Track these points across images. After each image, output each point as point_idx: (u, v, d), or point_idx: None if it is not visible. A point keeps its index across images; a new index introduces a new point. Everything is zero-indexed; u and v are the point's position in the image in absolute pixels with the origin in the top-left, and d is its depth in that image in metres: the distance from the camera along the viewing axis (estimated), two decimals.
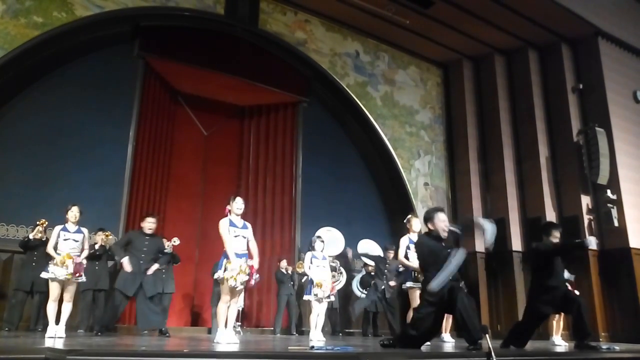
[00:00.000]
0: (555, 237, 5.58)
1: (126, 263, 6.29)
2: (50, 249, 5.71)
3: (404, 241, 6.55)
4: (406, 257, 6.44)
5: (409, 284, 6.49)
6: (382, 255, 9.09)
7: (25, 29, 7.97)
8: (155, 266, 6.61)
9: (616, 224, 10.17)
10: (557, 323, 7.76)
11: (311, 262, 7.02)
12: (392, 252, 8.61)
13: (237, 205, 5.30)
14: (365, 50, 11.52)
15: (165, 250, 6.77)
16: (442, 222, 4.71)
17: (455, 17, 10.70)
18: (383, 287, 8.58)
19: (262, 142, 10.65)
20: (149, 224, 6.63)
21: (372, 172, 11.37)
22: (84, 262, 5.86)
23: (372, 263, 9.10)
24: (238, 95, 10.41)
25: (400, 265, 8.26)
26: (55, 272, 5.53)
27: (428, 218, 4.83)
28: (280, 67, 10.41)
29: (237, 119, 10.84)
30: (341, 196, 10.61)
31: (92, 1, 8.59)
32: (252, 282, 5.23)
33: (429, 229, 4.80)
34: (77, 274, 5.66)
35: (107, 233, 7.33)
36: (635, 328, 9.54)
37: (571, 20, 10.87)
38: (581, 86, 11.30)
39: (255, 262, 5.26)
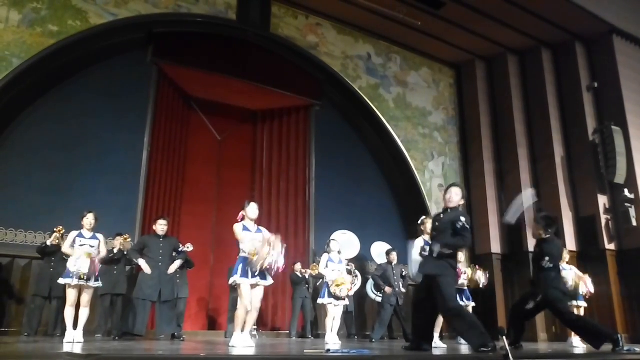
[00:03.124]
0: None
1: (144, 264, 6.38)
2: (66, 248, 5.80)
3: (418, 242, 6.47)
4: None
5: None
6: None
7: (41, 37, 8.09)
8: (176, 264, 6.71)
9: (634, 223, 10.04)
10: None
11: (326, 266, 7.00)
12: (395, 255, 8.42)
13: (252, 210, 5.30)
14: (377, 53, 11.51)
15: (181, 249, 6.84)
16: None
17: (466, 17, 10.66)
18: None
19: (275, 145, 10.69)
20: (161, 226, 6.74)
21: (385, 174, 11.34)
22: (99, 265, 5.94)
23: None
24: (251, 100, 10.45)
25: (403, 270, 8.18)
26: (70, 268, 5.60)
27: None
28: (292, 71, 10.45)
29: (250, 123, 10.89)
30: (355, 199, 10.60)
31: (106, 9, 8.70)
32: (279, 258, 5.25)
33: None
34: (93, 272, 5.73)
35: (125, 236, 7.38)
36: None
37: (585, 18, 10.77)
38: (596, 84, 11.20)
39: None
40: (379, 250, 9.55)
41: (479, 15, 10.58)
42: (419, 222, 6.44)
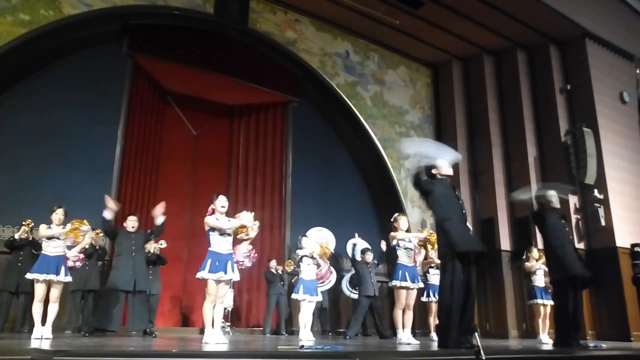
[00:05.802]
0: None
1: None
2: (47, 232, 5.66)
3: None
4: (395, 253, 6.35)
5: (394, 282, 6.28)
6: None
7: (12, 26, 7.89)
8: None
9: (603, 223, 10.27)
10: (544, 322, 7.82)
11: (301, 261, 7.00)
12: (371, 254, 8.46)
13: (221, 203, 5.25)
14: (355, 50, 11.53)
15: (157, 223, 6.56)
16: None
17: (444, 17, 10.74)
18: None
19: (251, 141, 10.62)
20: (131, 222, 6.69)
21: (362, 172, 11.39)
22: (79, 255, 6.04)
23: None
24: (227, 95, 10.37)
25: (376, 263, 8.30)
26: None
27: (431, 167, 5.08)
28: (270, 67, 10.39)
29: (226, 118, 10.81)
30: (331, 196, 10.62)
31: None
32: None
33: (433, 175, 5.08)
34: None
35: (97, 231, 7.26)
36: (622, 326, 9.64)
37: (559, 21, 10.95)
38: (569, 87, 11.40)
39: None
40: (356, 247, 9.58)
41: (457, 15, 10.68)
42: (392, 219, 6.47)
